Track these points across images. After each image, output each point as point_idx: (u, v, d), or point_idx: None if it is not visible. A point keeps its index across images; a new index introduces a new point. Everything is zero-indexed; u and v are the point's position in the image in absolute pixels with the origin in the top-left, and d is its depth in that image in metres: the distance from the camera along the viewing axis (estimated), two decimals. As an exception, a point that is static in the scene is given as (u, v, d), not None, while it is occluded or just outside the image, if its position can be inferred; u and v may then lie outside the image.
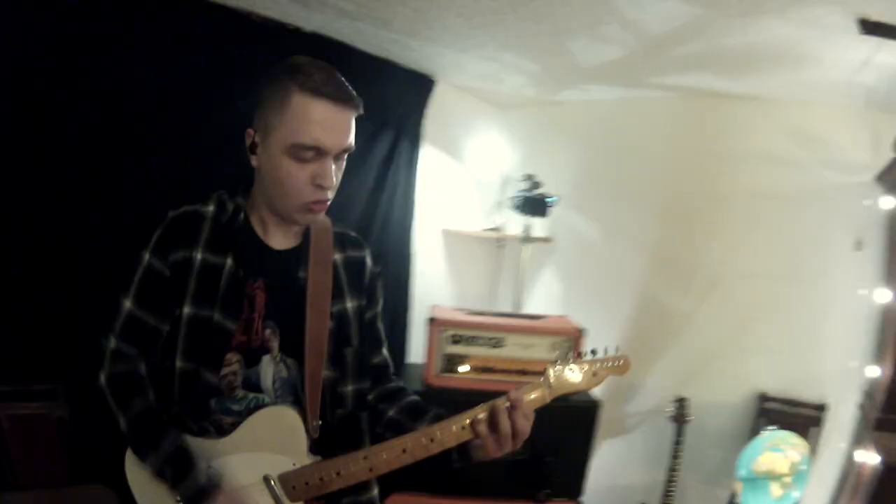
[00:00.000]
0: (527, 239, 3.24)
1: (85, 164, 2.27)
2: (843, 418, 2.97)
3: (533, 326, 2.77)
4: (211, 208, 1.47)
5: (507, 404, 1.39)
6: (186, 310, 1.40)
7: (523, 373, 2.76)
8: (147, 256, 1.43)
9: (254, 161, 1.41)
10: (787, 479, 2.77)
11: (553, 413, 2.53)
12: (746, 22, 2.09)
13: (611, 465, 3.36)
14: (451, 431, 1.39)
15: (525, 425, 1.41)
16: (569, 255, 3.54)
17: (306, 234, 1.51)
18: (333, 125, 1.32)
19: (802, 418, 2.97)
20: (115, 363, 1.46)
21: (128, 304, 1.44)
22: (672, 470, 2.87)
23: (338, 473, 1.39)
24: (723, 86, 2.90)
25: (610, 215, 3.39)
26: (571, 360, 1.53)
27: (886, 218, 2.89)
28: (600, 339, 3.11)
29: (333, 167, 1.36)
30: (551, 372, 1.49)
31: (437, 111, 3.30)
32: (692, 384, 3.07)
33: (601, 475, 3.30)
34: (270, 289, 1.45)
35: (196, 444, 1.41)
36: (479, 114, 3.59)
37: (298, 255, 1.50)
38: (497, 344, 2.75)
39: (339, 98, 1.31)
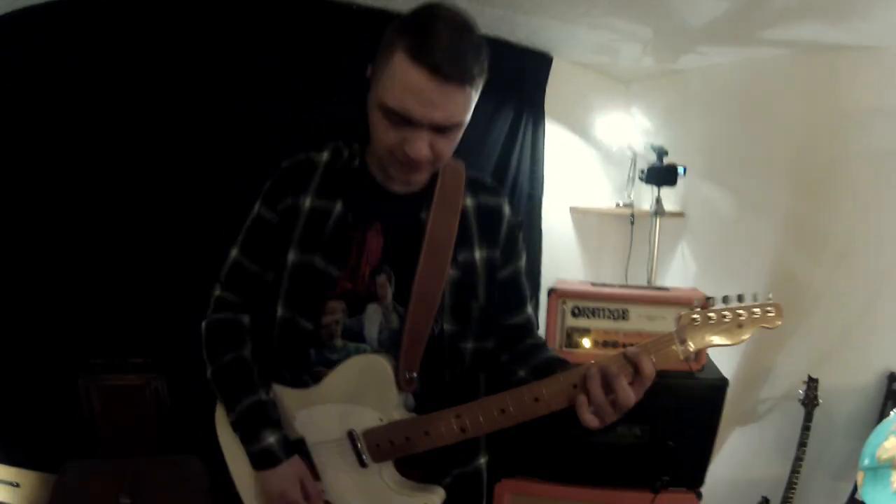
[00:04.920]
0: (658, 213, 3.12)
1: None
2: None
3: (658, 297, 2.63)
4: (325, 156, 1.42)
5: (622, 367, 1.16)
6: (291, 256, 1.36)
7: (649, 347, 2.65)
8: (257, 206, 1.42)
9: (369, 100, 1.30)
10: (910, 469, 2.38)
11: (676, 392, 2.49)
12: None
13: (737, 456, 3.10)
14: (560, 390, 1.20)
15: (641, 392, 1.17)
16: (702, 230, 3.35)
17: (433, 177, 1.38)
18: (429, 98, 1.15)
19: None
20: (217, 310, 1.46)
21: (234, 252, 1.44)
22: (798, 459, 2.59)
23: (426, 433, 1.28)
24: (835, 37, 2.65)
25: (741, 185, 3.17)
26: (711, 310, 1.20)
27: None
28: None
29: (428, 139, 1.21)
30: (687, 323, 1.19)
31: (560, 88, 3.30)
32: (823, 366, 2.75)
33: (725, 466, 3.11)
34: (388, 233, 1.36)
35: (286, 394, 1.40)
36: (602, 89, 3.54)
37: (422, 199, 1.37)
38: (620, 316, 2.62)
39: (443, 72, 1.13)
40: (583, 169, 3.58)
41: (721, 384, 2.54)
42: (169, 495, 2.44)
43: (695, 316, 1.18)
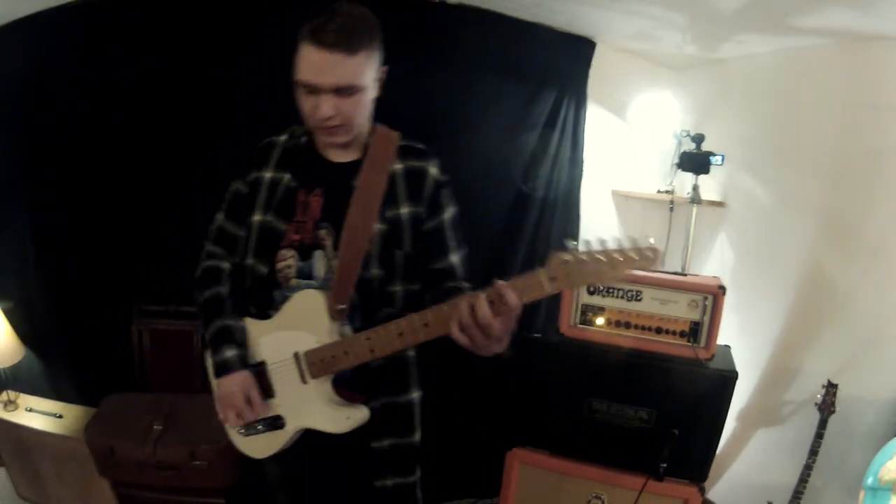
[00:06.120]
0: (694, 200, 3.12)
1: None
2: None
3: (671, 281, 2.65)
4: (283, 137, 1.80)
5: (490, 294, 1.35)
6: (256, 217, 1.73)
7: (659, 331, 2.67)
8: (235, 181, 1.81)
9: None
10: (910, 495, 2.18)
11: (683, 379, 2.53)
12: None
13: (756, 457, 3.07)
14: (443, 316, 1.42)
15: (507, 321, 1.37)
16: (741, 221, 3.30)
17: (367, 148, 1.69)
18: (322, 66, 1.49)
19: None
20: (206, 259, 1.85)
21: (220, 216, 1.85)
22: (807, 468, 2.53)
23: (346, 352, 1.57)
24: (871, 27, 2.56)
25: (778, 178, 3.10)
26: (583, 252, 1.28)
27: None
28: (762, 311, 3.00)
29: (332, 102, 1.52)
30: (558, 262, 1.29)
31: (605, 73, 3.37)
32: (847, 372, 2.64)
33: (743, 466, 3.12)
34: (327, 196, 1.68)
35: (253, 324, 1.74)
36: (648, 75, 3.54)
37: (356, 165, 1.68)
38: (634, 297, 2.67)
39: (328, 43, 1.47)
40: (626, 153, 3.61)
41: (730, 376, 2.54)
42: (200, 425, 2.70)
43: (566, 257, 1.28)
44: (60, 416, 2.86)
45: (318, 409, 1.64)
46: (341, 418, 1.64)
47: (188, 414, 2.78)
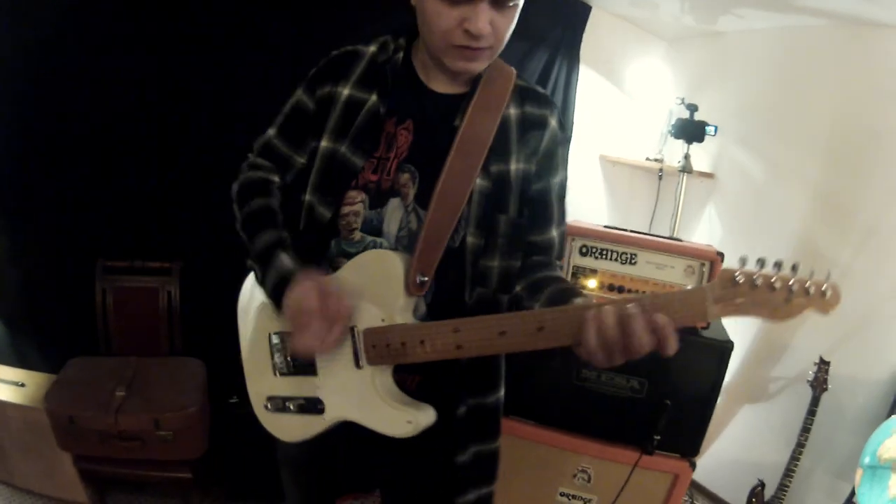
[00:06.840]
0: (685, 169, 3.08)
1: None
2: None
3: (667, 245, 2.55)
4: (372, 48, 1.38)
5: (642, 309, 1.00)
6: (323, 143, 1.34)
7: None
8: (299, 90, 1.41)
9: None
10: (910, 474, 2.14)
11: (678, 349, 2.44)
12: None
13: (743, 434, 3.08)
14: (567, 322, 1.07)
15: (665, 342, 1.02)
16: (731, 193, 3.30)
17: (477, 81, 1.32)
18: None
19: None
20: (249, 171, 1.45)
21: (271, 131, 1.44)
22: (799, 446, 2.51)
23: (422, 342, 1.19)
24: (872, 13, 2.56)
25: (773, 153, 3.10)
26: (759, 273, 0.97)
27: None
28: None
29: (489, 13, 1.16)
30: (727, 282, 0.98)
31: (600, 38, 3.34)
32: (839, 351, 2.65)
33: (730, 443, 3.11)
34: (419, 131, 1.32)
35: None
36: (643, 43, 3.53)
37: (461, 100, 1.32)
38: (628, 260, 2.57)
39: None
40: (617, 119, 3.59)
41: (725, 346, 2.47)
42: (165, 392, 2.53)
43: (738, 276, 0.97)
44: (23, 385, 2.63)
45: (371, 404, 1.26)
46: (400, 421, 1.24)
47: (153, 379, 2.59)
